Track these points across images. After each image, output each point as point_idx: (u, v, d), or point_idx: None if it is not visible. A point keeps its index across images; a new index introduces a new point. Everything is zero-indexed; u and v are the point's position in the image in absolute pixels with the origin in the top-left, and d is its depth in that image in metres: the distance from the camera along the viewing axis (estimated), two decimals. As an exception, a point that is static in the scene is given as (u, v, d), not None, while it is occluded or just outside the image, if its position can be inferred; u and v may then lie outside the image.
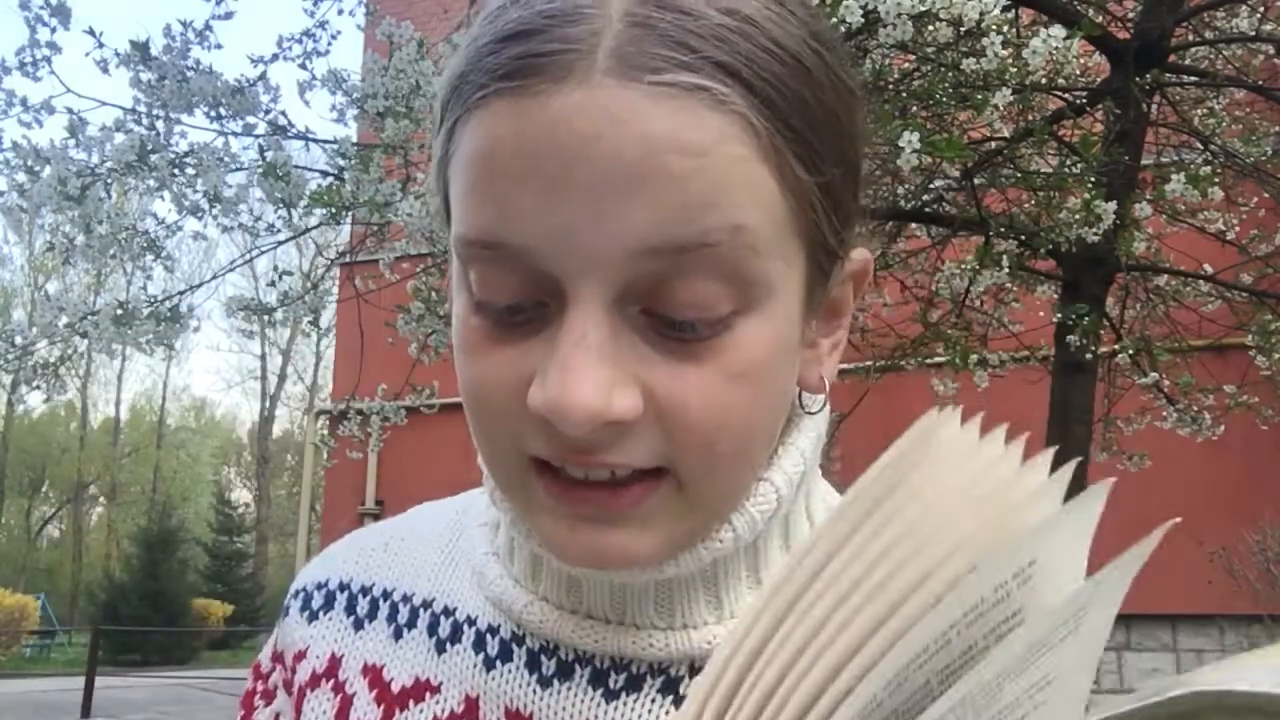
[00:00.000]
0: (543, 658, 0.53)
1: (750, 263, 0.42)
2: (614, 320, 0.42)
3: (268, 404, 34.34)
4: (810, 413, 0.53)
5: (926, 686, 0.30)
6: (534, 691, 0.52)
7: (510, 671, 0.53)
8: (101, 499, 36.15)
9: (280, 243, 3.75)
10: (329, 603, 0.61)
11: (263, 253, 3.85)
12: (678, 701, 0.50)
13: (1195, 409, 4.04)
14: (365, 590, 0.60)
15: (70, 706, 11.14)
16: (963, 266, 3.86)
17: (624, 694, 0.50)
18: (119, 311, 3.31)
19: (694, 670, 0.51)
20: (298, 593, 0.63)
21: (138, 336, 3.36)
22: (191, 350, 41.91)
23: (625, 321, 0.42)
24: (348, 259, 4.15)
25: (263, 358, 34.25)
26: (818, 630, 0.32)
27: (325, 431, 9.30)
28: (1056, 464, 0.34)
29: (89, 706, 10.84)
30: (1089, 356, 3.32)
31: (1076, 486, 0.30)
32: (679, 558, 0.48)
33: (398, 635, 0.57)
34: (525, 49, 0.41)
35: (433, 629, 0.57)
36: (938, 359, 4.35)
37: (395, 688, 0.56)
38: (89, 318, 3.33)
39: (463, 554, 0.59)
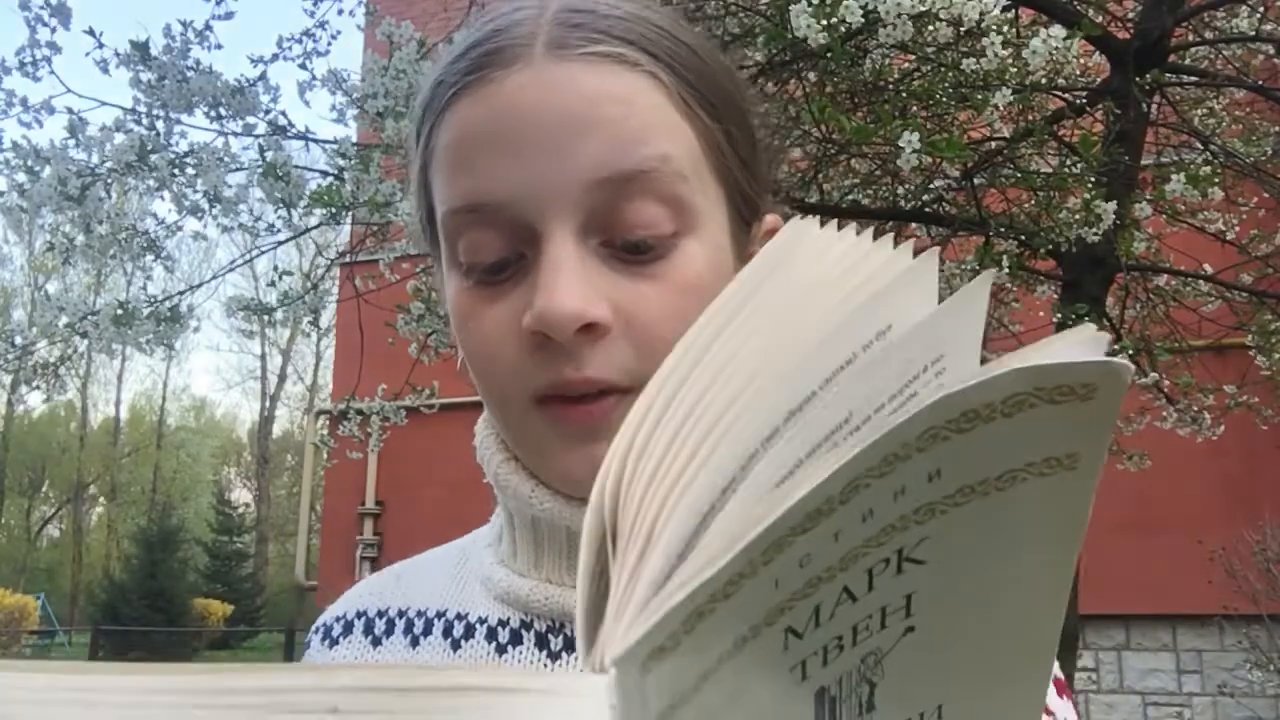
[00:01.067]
0: (550, 637, 0.58)
1: (681, 187, 0.52)
2: (581, 250, 0.51)
3: (268, 404, 34.35)
4: None
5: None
6: (544, 665, 0.57)
7: (521, 652, 0.58)
8: (101, 499, 36.15)
9: (280, 243, 3.76)
10: (348, 630, 0.65)
11: (263, 253, 3.86)
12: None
13: (1195, 409, 4.03)
14: (382, 614, 0.65)
15: (70, 706, 11.13)
16: (963, 266, 3.86)
17: None
18: (119, 311, 3.30)
19: None
20: (318, 629, 0.68)
21: (138, 336, 3.36)
22: (191, 350, 41.92)
23: (590, 252, 0.52)
24: (348, 259, 4.15)
25: (263, 358, 34.27)
26: (696, 403, 0.33)
27: (325, 431, 9.31)
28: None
29: (89, 706, 10.84)
30: (1089, 356, 3.32)
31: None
32: None
33: (414, 644, 0.62)
34: (482, 50, 0.53)
35: (447, 632, 0.61)
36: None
37: None
38: (89, 318, 3.33)
39: (471, 572, 0.64)
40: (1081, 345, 0.27)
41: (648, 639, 0.26)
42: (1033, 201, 3.67)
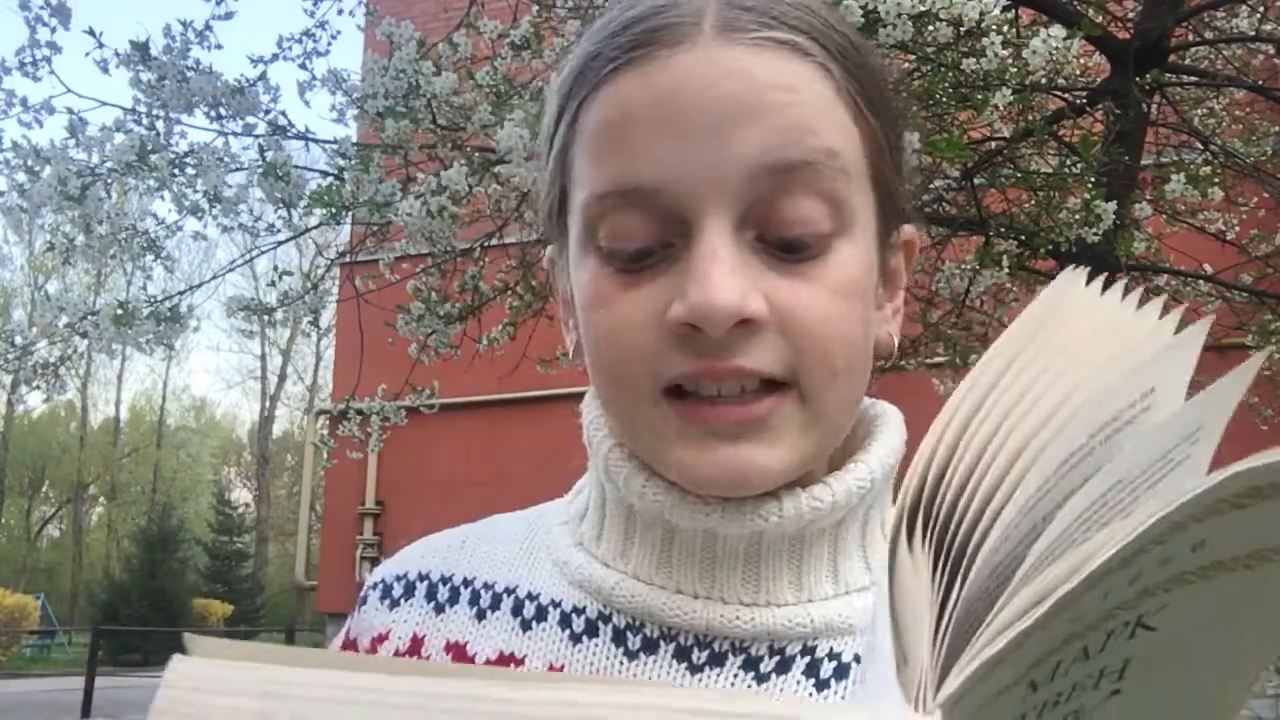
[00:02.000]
0: (628, 634, 0.55)
1: (843, 184, 0.50)
2: (737, 243, 0.49)
3: (268, 404, 34.35)
4: (884, 365, 0.61)
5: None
6: (620, 663, 0.54)
7: (597, 645, 0.55)
8: (101, 499, 36.15)
9: (280, 243, 3.75)
10: (409, 591, 0.63)
11: (263, 253, 3.85)
12: (759, 679, 0.52)
13: (1195, 409, 4.03)
14: (445, 579, 0.62)
15: (70, 706, 11.14)
16: (963, 266, 3.86)
17: (707, 668, 0.53)
18: (119, 311, 3.30)
19: (773, 651, 0.53)
20: (376, 584, 0.65)
21: (138, 336, 3.36)
22: (191, 350, 41.89)
23: (745, 246, 0.50)
24: (348, 259, 4.15)
25: (263, 358, 34.27)
26: (984, 446, 0.34)
27: (325, 431, 9.31)
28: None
29: (89, 706, 10.84)
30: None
31: None
32: (784, 505, 0.51)
33: (480, 617, 0.59)
34: (645, 26, 0.51)
35: (517, 610, 0.59)
36: (938, 359, 4.35)
37: (479, 661, 0.57)
38: (89, 318, 3.33)
39: (541, 548, 0.62)
40: None
41: (967, 685, 0.26)
42: (1033, 201, 3.67)
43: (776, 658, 0.53)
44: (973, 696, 0.27)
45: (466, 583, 0.61)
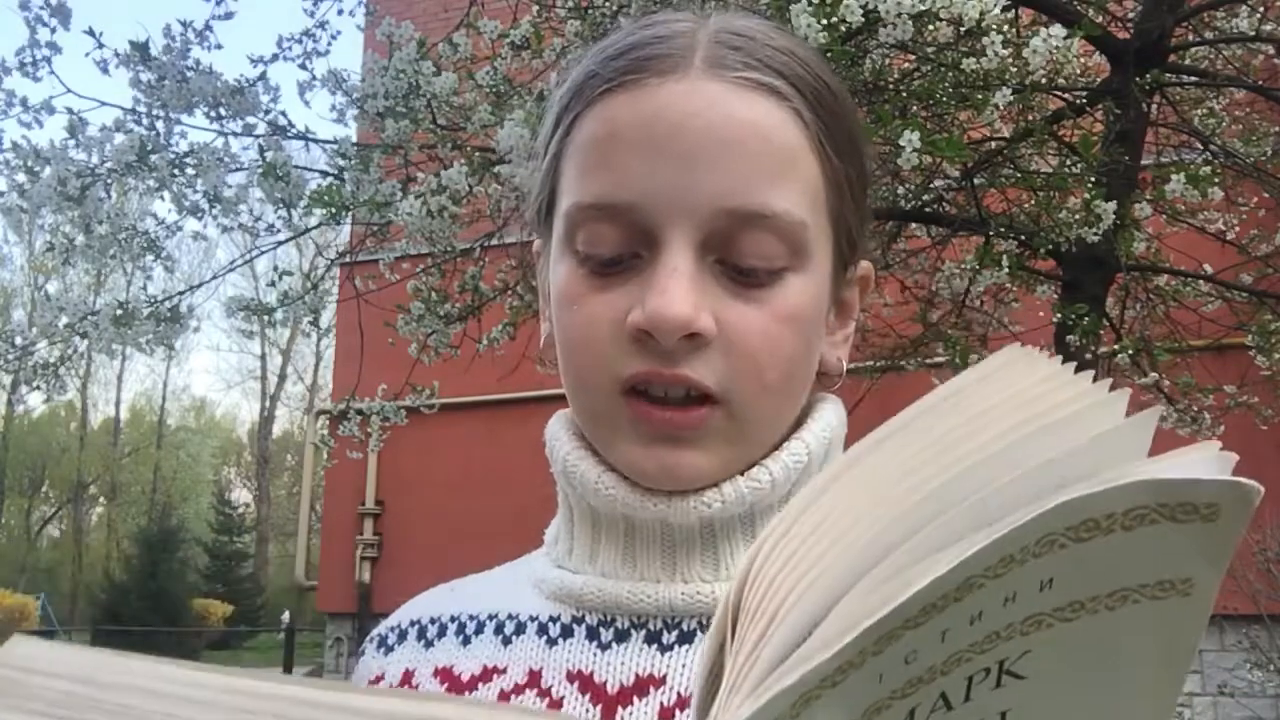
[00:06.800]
0: (601, 629, 0.59)
1: (801, 234, 0.55)
2: (697, 262, 0.54)
3: (268, 404, 34.33)
4: (833, 390, 0.65)
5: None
6: (594, 655, 0.58)
7: (572, 644, 0.59)
8: (101, 499, 36.13)
9: (280, 243, 3.75)
10: (402, 637, 0.67)
11: (263, 253, 3.86)
12: None
13: (1195, 409, 4.03)
14: (435, 620, 0.67)
15: (70, 706, 11.13)
16: (963, 266, 3.86)
17: (677, 646, 0.56)
18: (119, 312, 3.30)
19: None
20: (372, 639, 0.70)
21: (138, 336, 3.36)
22: (191, 350, 41.91)
23: (705, 266, 0.54)
24: (348, 259, 4.15)
25: (263, 358, 34.24)
26: (846, 501, 0.32)
27: (325, 431, 9.30)
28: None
29: (89, 706, 10.83)
30: (1089, 356, 3.32)
31: None
32: (724, 490, 0.56)
33: (466, 642, 0.64)
34: (641, 54, 0.56)
35: (499, 629, 0.63)
36: (938, 359, 4.35)
37: (465, 677, 0.61)
38: (89, 318, 3.32)
39: (523, 577, 0.66)
40: (1209, 463, 0.27)
41: (760, 715, 0.26)
42: (1033, 201, 3.67)
43: None
44: None
45: (453, 618, 0.66)
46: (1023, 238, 3.34)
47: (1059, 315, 3.34)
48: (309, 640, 17.89)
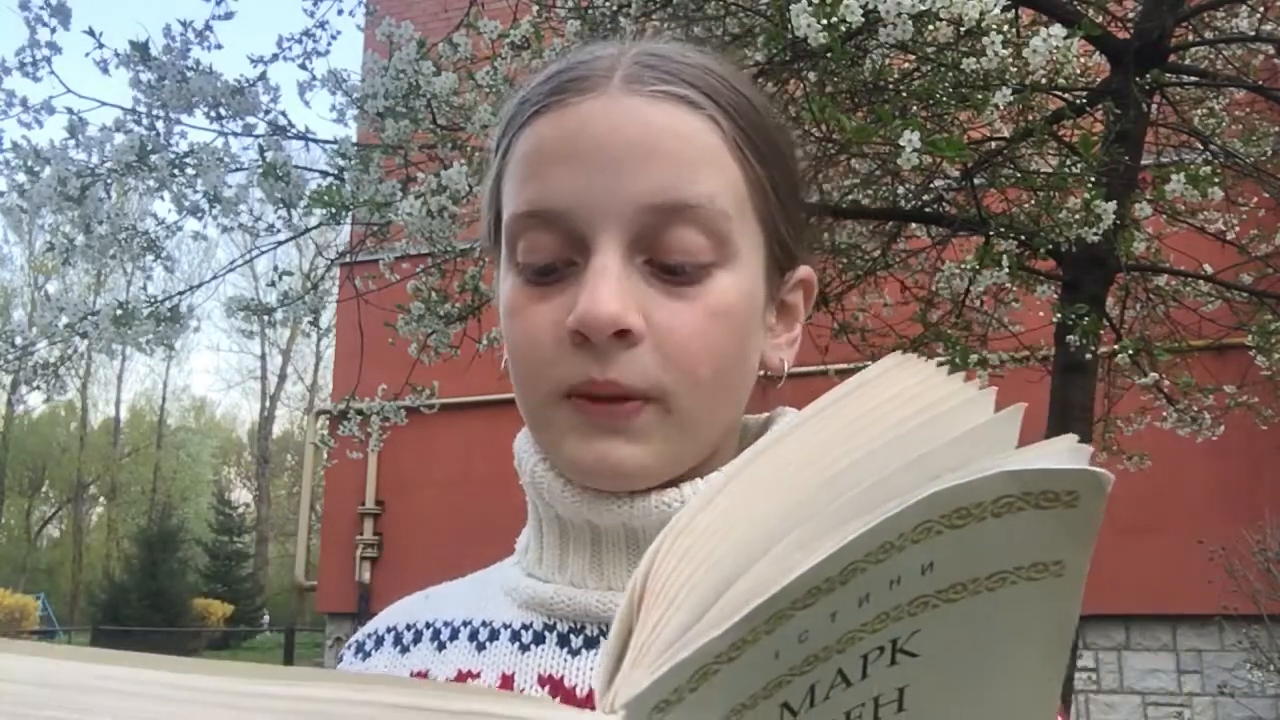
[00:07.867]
0: (572, 636, 0.61)
1: (724, 224, 0.58)
2: (626, 264, 0.57)
3: (268, 404, 34.34)
4: (778, 384, 0.67)
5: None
6: (565, 660, 0.61)
7: (543, 651, 0.61)
8: (101, 499, 36.13)
9: (280, 243, 3.75)
10: (379, 643, 0.70)
11: (263, 253, 3.85)
12: None
13: (1195, 409, 4.03)
14: (410, 626, 0.69)
15: (70, 706, 11.12)
16: (963, 266, 3.86)
17: None
18: (119, 312, 3.30)
19: None
20: (350, 645, 0.73)
21: (138, 336, 3.35)
22: (191, 350, 41.92)
23: (634, 267, 0.57)
24: (348, 259, 4.15)
25: (263, 358, 34.26)
26: (744, 497, 0.34)
27: (325, 431, 9.30)
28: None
29: (89, 706, 10.83)
30: (1089, 356, 3.32)
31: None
32: (684, 490, 0.59)
33: (441, 648, 0.66)
34: (566, 77, 0.60)
35: (473, 636, 0.65)
36: (938, 359, 4.34)
37: (440, 681, 0.63)
38: (89, 318, 3.32)
39: (494, 585, 0.68)
40: (1065, 454, 0.29)
41: (656, 688, 0.28)
42: (1033, 201, 3.67)
43: None
44: (683, 705, 0.28)
45: (429, 625, 0.68)
46: (1023, 238, 3.34)
47: (1059, 315, 3.34)
48: (309, 640, 17.89)
